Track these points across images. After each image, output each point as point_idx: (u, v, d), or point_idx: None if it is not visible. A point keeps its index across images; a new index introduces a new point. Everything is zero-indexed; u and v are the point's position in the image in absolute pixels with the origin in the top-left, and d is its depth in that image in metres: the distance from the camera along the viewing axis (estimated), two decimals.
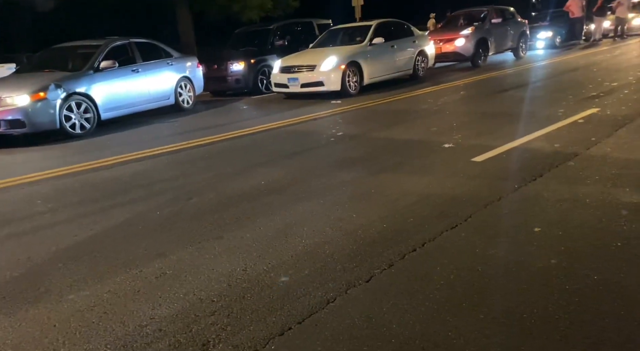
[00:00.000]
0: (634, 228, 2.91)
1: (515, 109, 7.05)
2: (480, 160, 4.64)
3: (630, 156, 4.29)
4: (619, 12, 17.36)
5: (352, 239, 3.15)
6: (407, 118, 7.22)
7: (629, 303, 2.19)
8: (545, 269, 2.55)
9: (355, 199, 3.93)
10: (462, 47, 12.99)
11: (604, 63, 11.33)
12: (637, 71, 9.44)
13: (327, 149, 5.83)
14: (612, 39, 17.52)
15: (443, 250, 2.88)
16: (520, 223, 3.16)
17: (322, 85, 9.68)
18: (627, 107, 6.29)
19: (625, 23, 17.56)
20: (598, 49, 15.05)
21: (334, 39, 11.28)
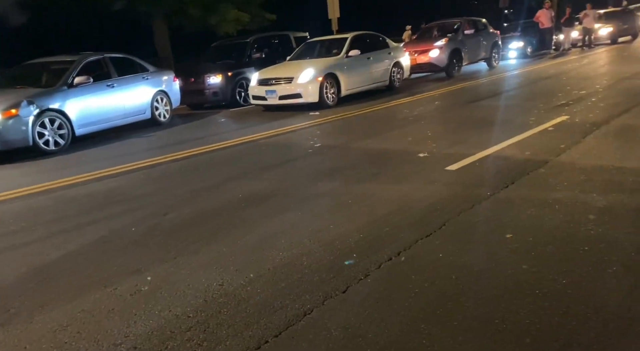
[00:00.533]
0: (600, 233, 3.00)
1: (488, 118, 7.21)
2: (455, 169, 4.73)
3: (597, 162, 4.43)
4: (585, 23, 17.98)
5: (330, 250, 3.17)
6: (383, 128, 7.31)
7: (596, 306, 2.25)
8: (516, 275, 2.61)
9: (333, 210, 3.96)
10: (437, 58, 13.24)
11: (573, 72, 11.69)
12: (604, 80, 9.77)
13: (305, 161, 5.86)
14: (580, 49, 18.10)
15: (418, 259, 2.93)
16: (493, 230, 3.23)
17: (300, 97, 9.74)
18: (594, 114, 6.50)
19: (592, 33, 18.17)
20: (567, 58, 15.52)
21: (311, 51, 11.38)
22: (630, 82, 9.01)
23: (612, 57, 14.41)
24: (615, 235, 2.96)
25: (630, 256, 2.68)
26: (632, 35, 19.71)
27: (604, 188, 3.77)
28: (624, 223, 3.13)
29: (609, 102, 7.27)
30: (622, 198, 3.54)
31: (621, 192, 3.67)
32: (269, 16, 16.11)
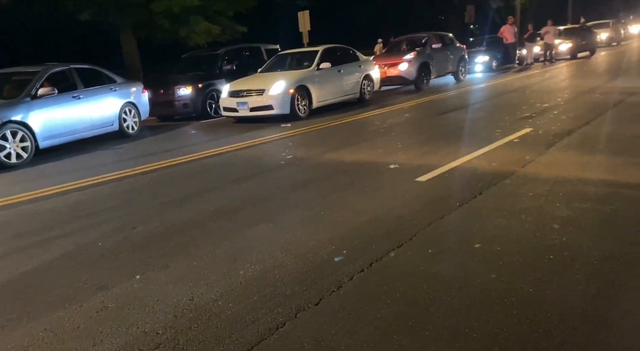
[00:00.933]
0: (564, 241, 3.10)
1: (456, 130, 7.38)
2: (424, 180, 4.81)
3: (560, 173, 4.58)
4: (547, 39, 18.73)
5: (302, 262, 3.16)
6: (355, 140, 7.38)
7: (562, 313, 2.32)
8: (485, 284, 2.66)
9: (306, 222, 3.95)
10: (406, 71, 13.50)
11: (536, 85, 12.11)
12: (565, 93, 10.16)
13: (277, 172, 5.85)
14: (542, 63, 18.80)
15: (390, 270, 2.95)
16: (462, 240, 3.29)
17: (271, 109, 9.75)
18: (557, 126, 6.74)
19: (552, 48, 18.93)
20: (530, 72, 16.08)
21: (282, 64, 11.43)
22: (589, 95, 9.40)
23: (572, 72, 15.02)
24: (578, 243, 3.06)
25: (593, 264, 2.78)
26: (590, 51, 20.62)
27: (568, 198, 3.90)
28: (587, 232, 3.23)
29: (570, 114, 7.56)
30: (585, 208, 3.67)
31: (583, 202, 3.80)
32: (240, 28, 16.10)
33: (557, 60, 19.05)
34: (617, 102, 8.21)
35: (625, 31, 29.60)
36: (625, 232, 3.16)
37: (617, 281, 2.56)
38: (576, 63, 17.84)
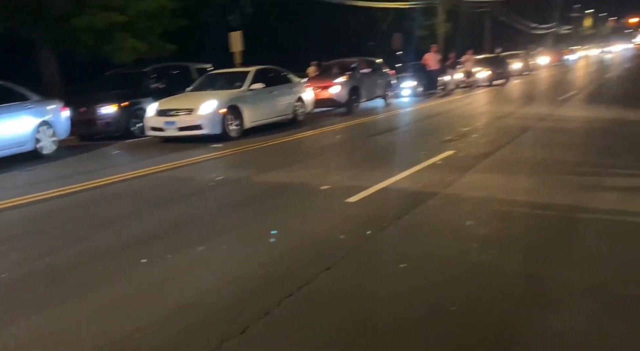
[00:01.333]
0: (483, 259, 3.25)
1: (384, 152, 7.61)
2: (354, 201, 4.87)
3: (479, 194, 4.84)
4: (467, 66, 20.08)
5: (231, 288, 3.05)
6: (287, 161, 7.37)
7: (482, 330, 2.40)
8: (410, 305, 2.71)
9: (236, 246, 3.85)
10: (337, 94, 13.82)
11: (457, 110, 12.86)
12: (484, 118, 10.87)
13: (206, 195, 5.68)
14: (463, 89, 20.05)
15: (318, 293, 2.93)
16: (388, 260, 3.35)
17: (201, 129, 9.53)
18: (476, 149, 7.15)
19: (472, 76, 20.27)
20: (452, 97, 17.07)
21: (212, 83, 11.27)
22: (505, 120, 10.11)
23: (489, 98, 16.12)
24: (496, 261, 3.22)
25: (508, 281, 2.92)
26: (505, 79, 22.30)
27: (486, 218, 4.11)
28: (503, 250, 3.41)
29: (488, 138, 8.06)
30: (502, 227, 3.88)
31: (500, 221, 4.03)
32: (169, 46, 15.74)
33: (476, 86, 20.40)
34: (529, 127, 8.89)
35: (534, 62, 32.41)
36: (537, 250, 3.37)
37: (529, 297, 2.71)
38: (493, 90, 19.19)
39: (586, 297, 2.67)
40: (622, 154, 6.22)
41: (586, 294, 2.70)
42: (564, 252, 3.30)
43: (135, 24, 14.15)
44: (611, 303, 2.59)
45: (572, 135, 7.94)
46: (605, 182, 4.94)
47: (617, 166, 5.62)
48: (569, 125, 8.96)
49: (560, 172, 5.52)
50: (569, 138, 7.70)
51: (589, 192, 4.65)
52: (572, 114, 10.37)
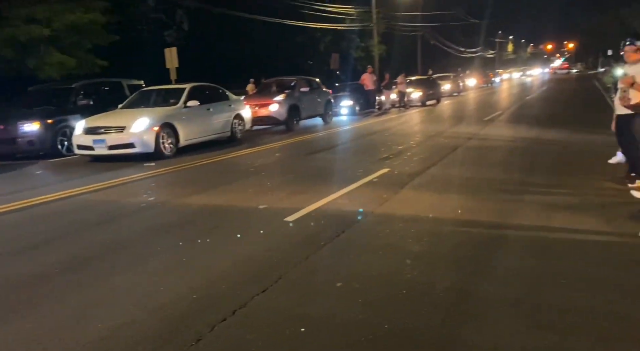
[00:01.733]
0: (416, 275, 3.34)
1: (323, 170, 7.68)
2: (292, 220, 4.86)
3: (412, 211, 4.99)
4: (401, 87, 20.88)
5: (159, 316, 2.92)
6: (224, 180, 7.24)
7: (414, 346, 2.45)
8: (346, 323, 2.72)
9: (166, 270, 3.69)
10: (276, 111, 13.85)
11: (393, 129, 13.28)
12: (417, 137, 11.29)
13: (136, 217, 5.44)
14: (398, 109, 20.79)
15: (254, 316, 2.86)
16: (325, 280, 3.35)
17: (133, 147, 9.17)
18: (410, 167, 7.40)
19: (406, 96, 21.10)
20: (388, 116, 17.64)
21: (146, 100, 10.92)
22: (436, 139, 10.56)
23: (422, 117, 16.81)
24: (427, 277, 3.31)
25: (439, 296, 3.01)
26: (436, 100, 23.40)
27: (419, 234, 4.24)
28: (434, 266, 3.52)
29: (421, 156, 8.38)
30: (433, 243, 4.02)
31: (431, 237, 4.17)
32: (99, 62, 15.10)
33: (410, 106, 21.23)
34: (458, 146, 9.34)
35: (464, 83, 34.33)
36: (465, 266, 3.51)
37: (457, 312, 2.81)
38: (425, 109, 20.05)
39: (510, 309, 2.81)
40: (541, 172, 6.68)
41: (510, 307, 2.84)
42: (489, 267, 3.46)
43: (62, 38, 13.46)
44: (532, 314, 2.74)
45: (497, 154, 8.43)
46: (526, 199, 5.27)
47: (537, 183, 6.02)
48: (494, 144, 9.51)
49: (487, 189, 5.83)
50: (494, 156, 8.17)
51: (512, 209, 4.93)
52: (497, 133, 11.03)
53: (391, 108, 20.72)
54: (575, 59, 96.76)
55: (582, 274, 3.23)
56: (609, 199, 5.03)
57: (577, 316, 2.69)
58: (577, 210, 4.72)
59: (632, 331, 2.52)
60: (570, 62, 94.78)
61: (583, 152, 8.09)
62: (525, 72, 73.99)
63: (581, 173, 6.39)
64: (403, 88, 20.87)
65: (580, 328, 2.57)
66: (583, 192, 5.41)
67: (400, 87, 20.82)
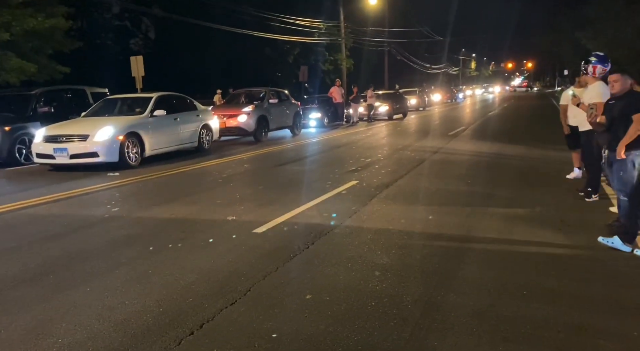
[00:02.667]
0: (384, 287, 3.37)
1: (292, 181, 7.68)
2: (261, 232, 4.83)
3: (380, 223, 5.06)
4: (369, 101, 21.19)
5: (123, 330, 2.83)
6: (191, 191, 7.13)
7: None
8: (314, 336, 2.72)
9: (130, 283, 3.60)
10: (245, 122, 13.79)
11: (361, 142, 13.44)
12: (384, 150, 11.46)
13: (98, 228, 5.27)
14: (365, 122, 21.08)
15: (221, 329, 2.82)
16: (294, 292, 3.34)
17: (96, 156, 8.92)
18: (378, 179, 7.50)
19: (374, 109, 21.44)
20: (356, 129, 17.84)
21: (110, 109, 10.67)
22: (403, 152, 10.75)
23: (389, 131, 17.09)
24: (395, 289, 3.35)
25: (407, 308, 3.05)
26: (403, 114, 23.85)
27: (387, 246, 4.29)
28: (402, 278, 3.57)
29: (388, 169, 8.51)
30: (401, 255, 4.07)
31: (399, 249, 4.23)
32: (61, 68, 14.66)
33: (377, 120, 21.56)
34: (424, 159, 9.55)
35: (429, 98, 35.17)
36: (431, 277, 3.58)
37: (424, 324, 2.85)
38: (392, 123, 20.40)
39: (474, 321, 2.87)
40: (503, 185, 6.90)
41: (474, 318, 2.91)
42: (455, 279, 3.53)
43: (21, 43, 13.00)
44: (495, 326, 2.81)
45: (461, 167, 8.66)
46: (489, 212, 5.42)
47: (499, 196, 6.22)
48: (458, 158, 9.77)
49: (452, 202, 5.97)
50: (458, 170, 8.38)
51: (477, 222, 5.06)
52: (461, 148, 11.34)
53: (359, 121, 20.98)
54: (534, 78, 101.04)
55: (542, 286, 3.34)
56: (567, 213, 5.24)
57: (538, 327, 2.78)
58: (537, 223, 4.89)
59: (589, 342, 2.63)
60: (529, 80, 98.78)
61: (542, 166, 8.41)
62: (487, 89, 76.58)
63: (540, 187, 6.63)
64: (371, 102, 21.21)
65: (540, 339, 2.65)
66: (543, 205, 5.62)
67: (369, 101, 21.15)
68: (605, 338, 2.64)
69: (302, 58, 29.20)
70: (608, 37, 22.80)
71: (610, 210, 5.23)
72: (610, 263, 3.73)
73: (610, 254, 3.90)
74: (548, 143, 10.83)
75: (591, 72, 5.60)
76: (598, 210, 5.36)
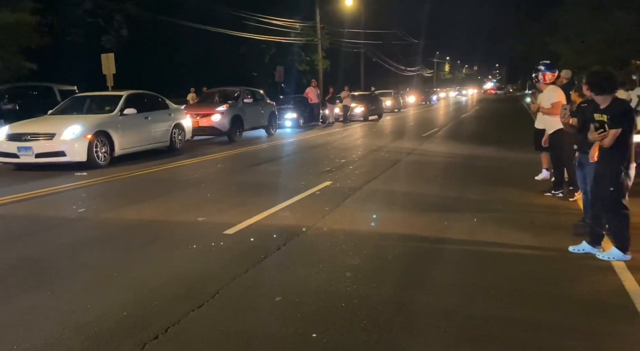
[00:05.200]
0: (355, 289, 3.35)
1: (265, 182, 7.61)
2: (232, 233, 4.76)
3: (352, 224, 5.05)
4: (345, 102, 21.24)
5: (84, 334, 2.74)
6: (161, 191, 6.98)
7: None
8: (283, 338, 2.68)
9: (94, 285, 3.49)
10: (218, 122, 13.62)
11: (336, 142, 13.45)
12: (359, 150, 11.50)
13: (63, 229, 5.10)
14: (341, 123, 21.12)
15: (187, 333, 2.75)
16: (264, 294, 3.30)
17: (63, 156, 8.66)
18: (352, 180, 7.50)
19: (349, 110, 21.50)
20: (332, 130, 17.86)
21: (79, 107, 10.38)
22: (377, 153, 10.80)
23: (364, 132, 17.16)
24: (365, 290, 3.34)
25: (377, 309, 3.04)
26: (378, 115, 24.01)
27: (358, 247, 4.28)
28: (372, 279, 3.56)
29: (362, 170, 8.52)
30: (372, 256, 4.07)
31: (371, 249, 4.22)
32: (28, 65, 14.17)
33: (353, 121, 21.64)
34: (398, 160, 9.61)
35: (404, 100, 35.52)
36: (401, 278, 3.58)
37: (394, 325, 2.84)
38: (368, 124, 20.50)
39: (443, 322, 2.88)
40: (474, 187, 6.99)
41: (443, 319, 2.91)
42: (425, 280, 3.55)
43: None
44: (463, 326, 2.83)
45: (434, 168, 8.75)
46: (460, 213, 5.47)
47: (470, 198, 6.29)
48: (431, 159, 9.87)
49: (424, 203, 6.01)
50: (432, 171, 8.47)
51: (448, 223, 5.10)
52: (434, 149, 11.47)
53: (334, 122, 21.01)
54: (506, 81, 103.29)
55: (510, 287, 3.38)
56: (536, 215, 5.33)
57: (505, 327, 2.81)
58: (507, 224, 4.96)
59: (554, 341, 2.66)
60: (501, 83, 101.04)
61: (511, 168, 8.57)
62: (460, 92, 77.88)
63: (510, 188, 6.75)
64: (347, 103, 21.26)
65: (507, 339, 2.68)
66: (512, 207, 5.72)
67: (345, 102, 21.19)
68: (570, 337, 2.68)
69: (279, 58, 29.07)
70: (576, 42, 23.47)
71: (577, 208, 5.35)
72: (576, 264, 3.81)
73: (576, 254, 3.98)
74: (517, 145, 11.05)
75: (542, 79, 5.97)
76: (564, 210, 5.48)
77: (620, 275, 3.54)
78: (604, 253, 3.90)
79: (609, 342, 2.64)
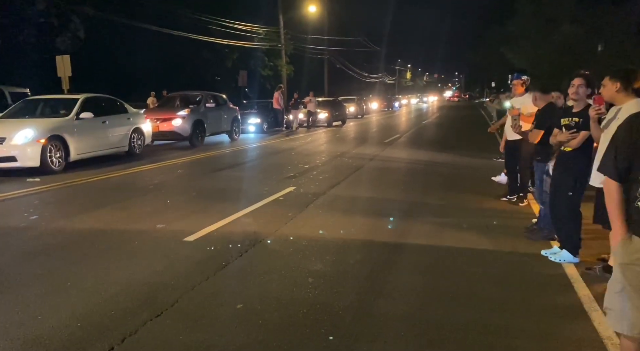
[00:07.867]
0: (317, 294, 3.36)
1: (228, 188, 7.51)
2: (192, 240, 4.67)
3: (315, 229, 5.05)
4: (309, 107, 21.30)
5: (34, 348, 2.62)
6: (119, 197, 6.77)
7: None
8: (245, 346, 2.65)
9: (46, 296, 3.34)
10: (179, 127, 13.36)
11: (300, 148, 13.46)
12: (323, 156, 11.54)
13: (12, 238, 4.87)
14: (305, 128, 21.16)
15: (145, 344, 2.68)
16: (225, 302, 3.25)
17: (14, 161, 8.28)
18: (315, 186, 7.51)
19: (313, 116, 21.58)
20: (296, 135, 17.86)
21: (32, 110, 9.96)
22: (340, 159, 10.88)
23: (328, 138, 17.26)
24: (327, 295, 3.35)
25: (338, 315, 3.05)
26: (342, 121, 24.20)
27: (320, 253, 4.29)
28: (334, 284, 3.57)
29: (325, 175, 8.56)
30: (334, 262, 4.08)
31: (333, 255, 4.24)
32: None
33: (316, 126, 21.72)
34: (361, 166, 9.71)
35: (367, 107, 35.97)
36: (363, 283, 3.61)
37: (354, 330, 2.86)
38: (331, 130, 20.63)
39: (403, 326, 2.92)
40: (434, 192, 7.15)
41: (403, 323, 2.96)
42: (386, 284, 3.59)
43: None
44: (422, 330, 2.88)
45: (395, 174, 8.89)
46: (421, 218, 5.58)
47: (430, 204, 6.43)
48: (393, 165, 10.03)
49: (386, 208, 6.09)
50: (393, 177, 8.60)
51: (408, 228, 5.19)
52: (396, 155, 11.65)
53: (299, 128, 21.03)
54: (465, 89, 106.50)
55: (467, 290, 3.47)
56: (492, 219, 5.50)
57: (461, 329, 2.88)
58: (465, 229, 5.10)
59: (507, 343, 2.75)
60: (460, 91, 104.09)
61: (470, 173, 8.82)
62: (422, 99, 79.66)
63: (468, 193, 6.94)
64: (312, 108, 21.32)
65: (464, 341, 2.75)
66: (470, 211, 5.87)
67: (309, 107, 21.25)
68: (522, 339, 2.78)
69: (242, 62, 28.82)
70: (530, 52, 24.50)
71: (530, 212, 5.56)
72: (529, 267, 3.96)
73: (529, 258, 4.14)
74: (476, 151, 11.39)
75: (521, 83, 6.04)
76: (518, 214, 5.69)
77: (570, 277, 3.70)
78: (555, 255, 4.07)
79: (559, 341, 2.75)
